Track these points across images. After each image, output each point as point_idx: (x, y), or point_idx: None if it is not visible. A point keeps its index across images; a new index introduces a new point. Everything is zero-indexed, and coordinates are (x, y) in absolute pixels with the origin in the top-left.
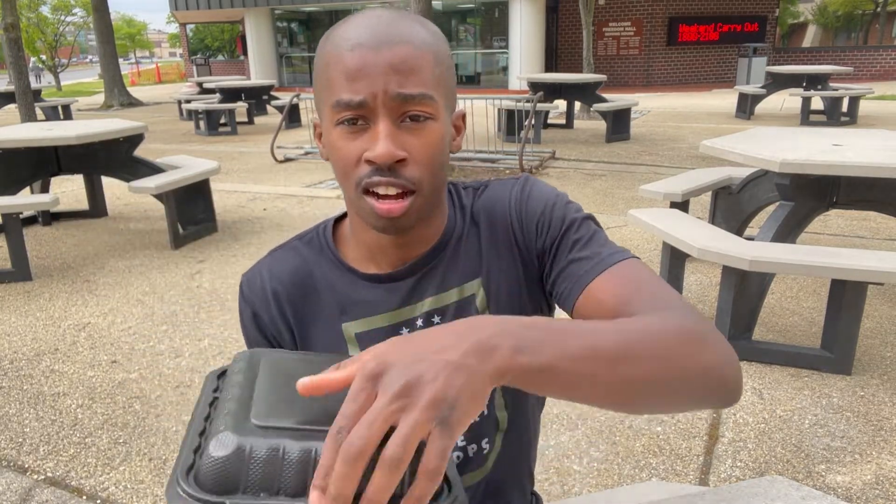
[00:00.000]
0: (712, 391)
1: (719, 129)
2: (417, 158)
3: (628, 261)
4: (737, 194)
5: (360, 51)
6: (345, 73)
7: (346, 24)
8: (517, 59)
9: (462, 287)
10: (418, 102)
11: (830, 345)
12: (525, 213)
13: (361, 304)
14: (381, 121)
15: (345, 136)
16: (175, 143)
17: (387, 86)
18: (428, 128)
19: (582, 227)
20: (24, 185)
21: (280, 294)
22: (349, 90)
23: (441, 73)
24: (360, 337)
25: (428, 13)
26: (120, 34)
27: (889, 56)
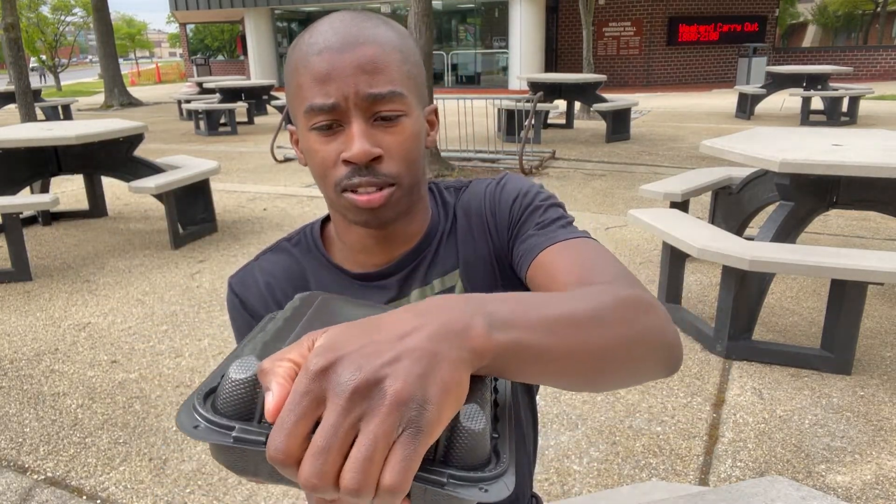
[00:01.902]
0: (665, 354)
1: (719, 129)
2: (393, 154)
3: (582, 238)
4: (737, 194)
5: (327, 54)
6: (314, 78)
7: (312, 30)
8: (517, 59)
9: (443, 279)
10: (389, 100)
11: (830, 345)
12: (498, 203)
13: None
14: (355, 121)
15: (320, 139)
16: (175, 143)
17: (357, 87)
18: (401, 124)
19: (548, 211)
20: (24, 185)
21: (275, 288)
22: (320, 94)
23: (409, 70)
24: None
25: (428, 13)
26: (120, 34)
27: (889, 56)
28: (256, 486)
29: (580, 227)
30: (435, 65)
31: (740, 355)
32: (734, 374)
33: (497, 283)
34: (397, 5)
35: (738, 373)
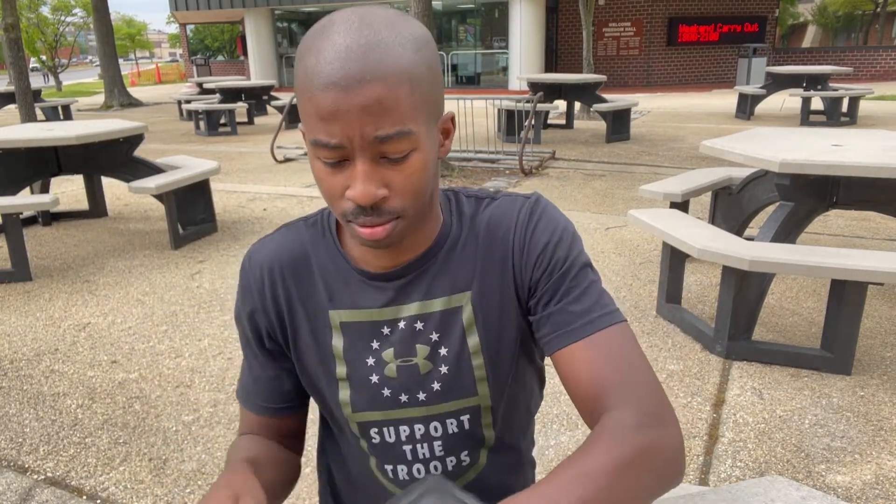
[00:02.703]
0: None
1: (719, 129)
2: (400, 192)
3: (613, 328)
4: (737, 194)
5: (332, 92)
6: (318, 114)
7: (318, 50)
8: (517, 60)
9: (450, 297)
10: (396, 140)
11: (830, 345)
12: (528, 243)
13: (349, 295)
14: (359, 162)
15: (326, 169)
16: (175, 144)
17: (362, 129)
18: (409, 160)
19: (580, 275)
20: (24, 185)
21: (275, 273)
22: (324, 132)
23: (421, 96)
24: (344, 326)
25: (428, 13)
26: (120, 34)
27: (889, 56)
28: None
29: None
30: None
31: (740, 355)
32: (734, 374)
33: (510, 315)
34: (397, 5)
35: (738, 373)
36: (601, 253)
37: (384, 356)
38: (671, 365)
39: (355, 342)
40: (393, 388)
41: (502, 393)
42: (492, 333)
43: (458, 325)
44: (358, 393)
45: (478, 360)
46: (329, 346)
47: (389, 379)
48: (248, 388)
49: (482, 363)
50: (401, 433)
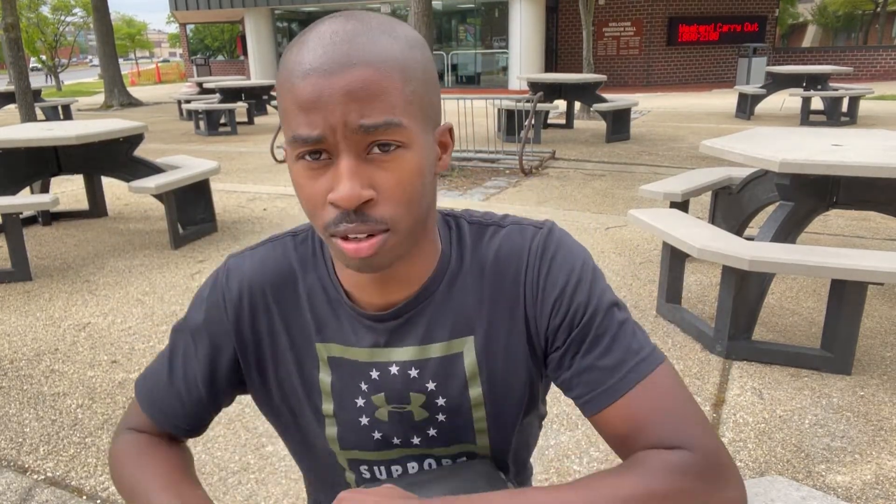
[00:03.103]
0: None
1: (719, 129)
2: (388, 196)
3: (652, 376)
4: (737, 194)
5: (313, 78)
6: (298, 105)
7: (301, 43)
8: (517, 59)
9: (449, 342)
10: (384, 132)
11: (830, 345)
12: (543, 286)
13: (338, 328)
14: (343, 157)
15: (306, 173)
16: (175, 143)
17: (346, 117)
18: (399, 158)
19: (605, 319)
20: (24, 185)
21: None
22: (305, 124)
23: (413, 91)
24: (332, 362)
25: (428, 13)
26: (120, 34)
27: (889, 56)
28: (256, 486)
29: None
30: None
31: (740, 355)
32: (734, 374)
33: (521, 363)
34: (397, 5)
35: (738, 373)
36: (601, 253)
37: (374, 400)
38: None
39: (344, 380)
40: (384, 432)
41: (504, 441)
42: (497, 386)
43: (459, 374)
44: (346, 432)
45: (479, 412)
46: (315, 380)
47: (381, 422)
48: (162, 400)
49: (483, 416)
50: (392, 472)
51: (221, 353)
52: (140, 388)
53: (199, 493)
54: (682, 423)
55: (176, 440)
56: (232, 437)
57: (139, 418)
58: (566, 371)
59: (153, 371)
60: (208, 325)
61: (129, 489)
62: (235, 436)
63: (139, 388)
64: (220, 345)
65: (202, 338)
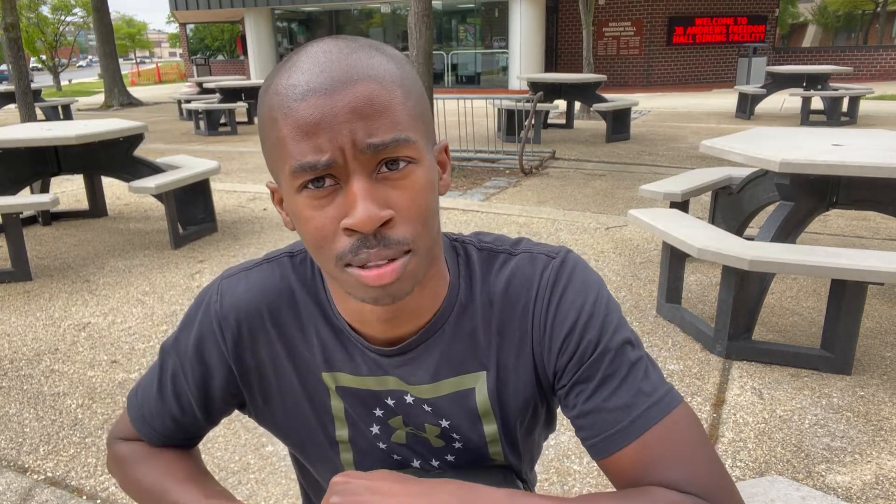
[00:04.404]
0: None
1: (719, 129)
2: (406, 214)
3: (666, 420)
4: (737, 194)
5: (313, 98)
6: (299, 129)
7: (290, 67)
8: (517, 59)
9: (461, 378)
10: (393, 149)
11: (830, 345)
12: (552, 322)
13: (346, 360)
14: (355, 179)
15: (312, 203)
16: (175, 143)
17: (353, 136)
18: (411, 174)
19: (616, 359)
20: (25, 185)
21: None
22: (311, 150)
23: (414, 108)
24: (342, 391)
25: (428, 13)
26: (120, 34)
27: (889, 56)
28: (256, 486)
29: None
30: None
31: (740, 355)
32: (734, 374)
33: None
34: (397, 5)
35: (738, 373)
36: (601, 253)
37: (391, 423)
38: (671, 365)
39: (356, 407)
40: (403, 455)
41: (519, 461)
42: (511, 420)
43: (472, 410)
44: (364, 456)
45: (495, 447)
46: (328, 407)
47: (399, 445)
48: (153, 417)
49: (500, 451)
50: None
51: (213, 377)
52: (132, 406)
53: (218, 485)
54: (697, 470)
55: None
56: (232, 437)
57: (129, 429)
58: (573, 410)
59: (144, 388)
60: (199, 351)
61: (144, 489)
62: (235, 436)
63: (131, 404)
64: (213, 369)
65: (193, 363)
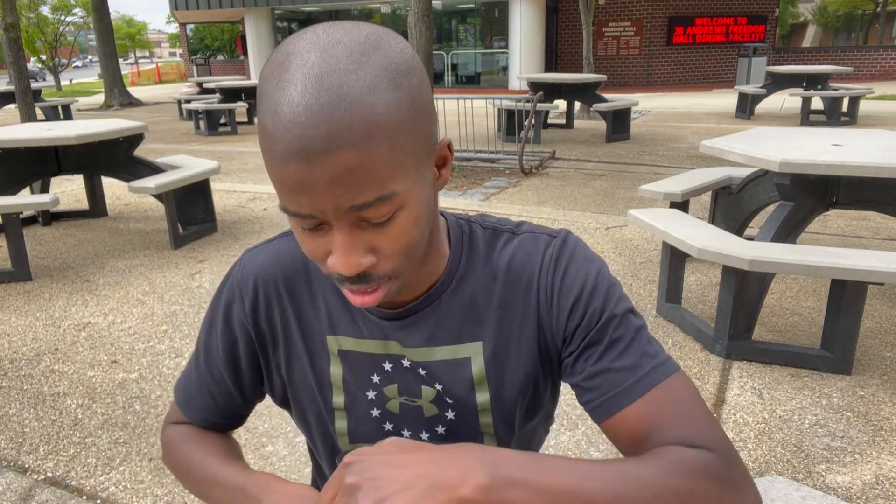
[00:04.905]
0: None
1: (719, 129)
2: (388, 255)
3: (668, 381)
4: (737, 194)
5: (294, 165)
6: (282, 184)
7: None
8: (517, 59)
9: (457, 346)
10: (376, 207)
11: (830, 345)
12: (558, 292)
13: (350, 323)
14: (337, 232)
15: (303, 233)
16: (175, 143)
17: (335, 202)
18: (396, 219)
19: (622, 324)
20: (25, 185)
21: (270, 288)
22: (293, 203)
23: (403, 147)
24: (343, 355)
25: (428, 13)
26: (120, 34)
27: (889, 56)
28: None
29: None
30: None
31: (740, 355)
32: (734, 374)
33: (531, 370)
34: (397, 5)
35: (738, 373)
36: (601, 253)
37: (386, 391)
38: None
39: (355, 372)
40: (395, 424)
41: (510, 442)
42: (504, 392)
43: (466, 379)
44: (357, 424)
45: (486, 417)
46: (327, 374)
47: (392, 414)
48: (194, 397)
49: (490, 421)
50: None
51: (238, 344)
52: (177, 391)
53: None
54: (701, 426)
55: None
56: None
57: (178, 415)
58: (580, 375)
59: (186, 372)
60: (226, 317)
61: (187, 468)
62: (235, 435)
63: (177, 391)
64: (238, 335)
65: (221, 331)
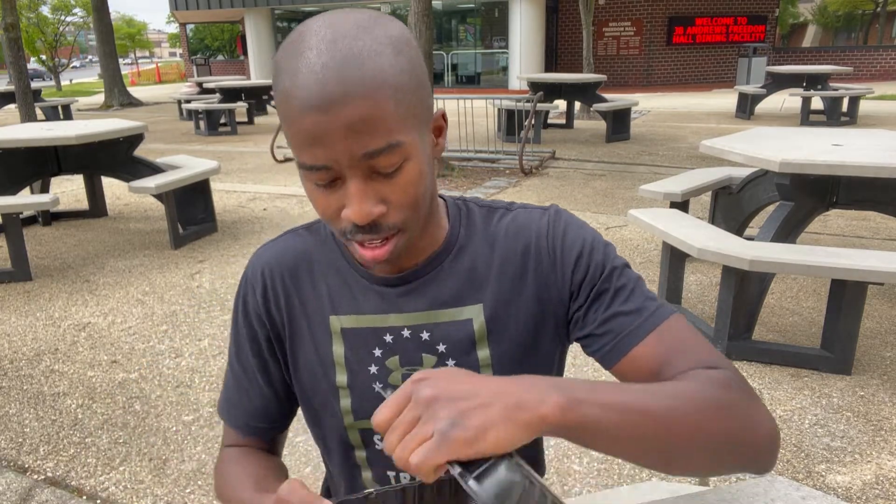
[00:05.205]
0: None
1: (719, 129)
2: (397, 205)
3: (672, 318)
4: (737, 194)
5: (312, 116)
6: (300, 137)
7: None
8: (517, 59)
9: (460, 308)
10: (386, 155)
11: (830, 345)
12: (561, 251)
13: (351, 300)
14: (351, 181)
15: (317, 190)
16: (175, 143)
17: (349, 149)
18: (404, 171)
19: (623, 274)
20: (25, 185)
21: (276, 277)
22: (309, 156)
23: (407, 105)
24: (346, 332)
25: (428, 13)
26: (120, 34)
27: (889, 56)
28: None
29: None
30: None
31: (740, 355)
32: None
33: (533, 332)
34: (397, 5)
35: None
36: None
37: (388, 364)
38: None
39: (357, 349)
40: None
41: None
42: (504, 349)
43: (468, 338)
44: (361, 400)
45: (487, 373)
46: (329, 354)
47: (395, 387)
48: (233, 401)
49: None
50: None
51: (258, 335)
52: (220, 406)
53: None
54: (710, 350)
55: (269, 452)
56: None
57: (227, 433)
58: (592, 324)
59: (224, 385)
60: (245, 311)
61: (222, 489)
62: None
63: (220, 406)
64: (257, 327)
65: (243, 324)
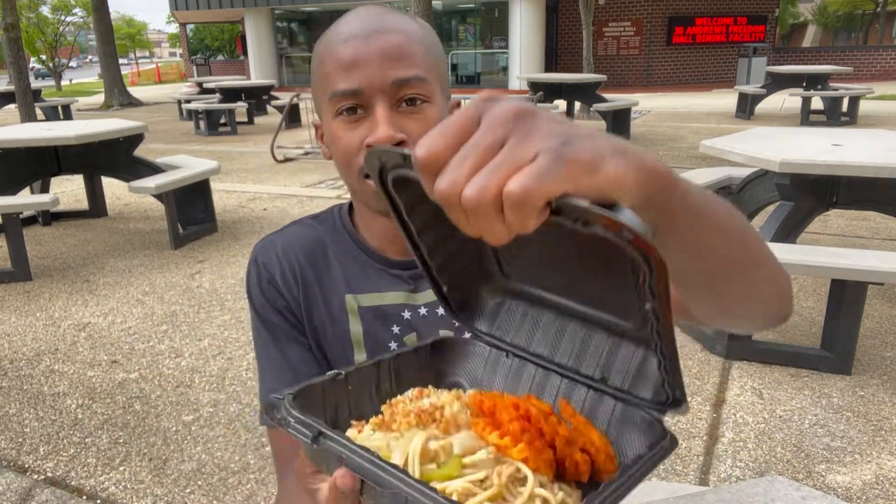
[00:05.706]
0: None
1: (719, 128)
2: (416, 139)
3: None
4: (737, 194)
5: (353, 42)
6: (339, 65)
7: (339, 22)
8: (517, 59)
9: None
10: (413, 85)
11: (830, 345)
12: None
13: (367, 281)
14: (379, 106)
15: (344, 125)
16: (175, 143)
17: (381, 71)
18: (425, 111)
19: None
20: (25, 184)
21: (293, 262)
22: (345, 80)
23: (433, 61)
24: (363, 311)
25: (428, 13)
26: (120, 34)
27: (889, 56)
28: (256, 486)
29: None
30: None
31: (740, 355)
32: (734, 374)
33: None
34: (397, 5)
35: (738, 373)
36: None
37: (406, 341)
38: None
39: (375, 328)
40: None
41: None
42: None
43: None
44: None
45: None
46: (347, 333)
47: None
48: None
49: None
50: None
51: (290, 305)
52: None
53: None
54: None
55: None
56: (232, 437)
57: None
58: None
59: (260, 387)
60: (267, 296)
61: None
62: (235, 436)
63: (262, 413)
64: (288, 298)
65: (272, 311)
